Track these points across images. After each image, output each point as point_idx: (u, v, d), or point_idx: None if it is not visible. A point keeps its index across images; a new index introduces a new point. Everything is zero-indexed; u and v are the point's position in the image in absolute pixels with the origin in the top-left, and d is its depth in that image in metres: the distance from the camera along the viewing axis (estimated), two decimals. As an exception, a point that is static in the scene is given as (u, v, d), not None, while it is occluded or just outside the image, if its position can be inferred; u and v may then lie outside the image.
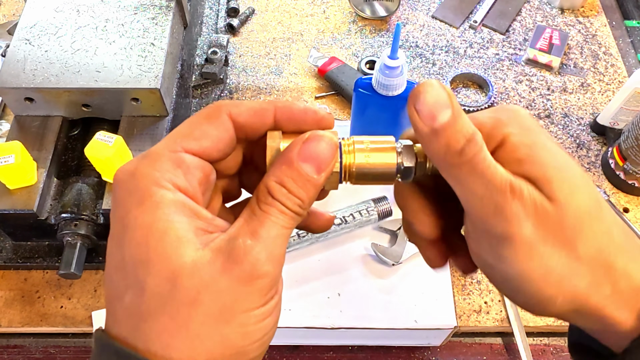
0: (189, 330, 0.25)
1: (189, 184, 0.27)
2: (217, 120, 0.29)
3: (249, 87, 0.91)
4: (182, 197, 0.27)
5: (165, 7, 0.75)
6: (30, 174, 0.63)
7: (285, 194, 0.27)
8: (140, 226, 0.26)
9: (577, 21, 1.01)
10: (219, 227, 0.27)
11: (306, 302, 0.67)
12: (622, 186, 0.80)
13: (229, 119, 0.29)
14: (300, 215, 0.28)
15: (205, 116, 0.29)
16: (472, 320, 0.69)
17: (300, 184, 0.27)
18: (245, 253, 0.25)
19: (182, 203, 0.26)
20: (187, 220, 0.26)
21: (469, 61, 0.95)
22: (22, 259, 0.71)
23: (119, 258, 0.26)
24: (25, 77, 0.67)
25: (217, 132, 0.29)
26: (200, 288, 0.25)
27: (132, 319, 0.25)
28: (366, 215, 0.70)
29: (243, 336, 0.26)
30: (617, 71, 0.94)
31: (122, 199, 0.27)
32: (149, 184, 0.26)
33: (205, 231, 0.27)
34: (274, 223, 0.27)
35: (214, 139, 0.29)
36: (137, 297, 0.25)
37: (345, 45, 0.97)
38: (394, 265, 0.68)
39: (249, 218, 0.27)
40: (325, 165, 0.28)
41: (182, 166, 0.27)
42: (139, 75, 0.68)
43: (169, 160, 0.27)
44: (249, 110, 0.29)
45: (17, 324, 0.69)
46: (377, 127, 0.70)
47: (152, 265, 0.25)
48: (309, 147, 0.28)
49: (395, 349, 0.71)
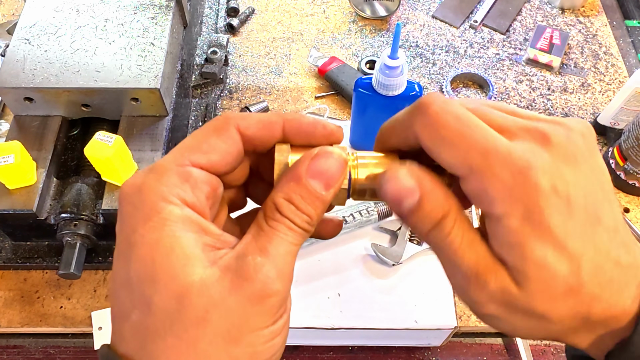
0: (197, 350, 0.24)
1: (196, 198, 0.27)
2: (225, 134, 0.28)
3: (249, 87, 0.91)
4: (189, 212, 0.26)
5: (165, 6, 0.75)
6: (30, 173, 0.63)
7: (293, 210, 0.27)
8: (147, 243, 0.25)
9: (577, 21, 1.01)
10: (227, 242, 0.27)
11: (306, 302, 0.66)
12: (623, 186, 0.80)
13: (237, 132, 0.28)
14: (308, 232, 0.28)
15: (214, 129, 0.28)
16: (472, 320, 0.69)
17: (309, 201, 0.27)
18: (256, 271, 0.25)
19: (189, 219, 0.26)
20: (194, 236, 0.26)
21: (469, 61, 0.95)
22: (21, 259, 0.71)
23: (125, 276, 0.26)
24: (25, 76, 0.67)
25: (225, 146, 0.28)
26: (208, 307, 0.24)
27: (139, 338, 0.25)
28: (366, 216, 0.70)
29: (251, 356, 0.25)
30: (617, 71, 0.94)
31: (128, 214, 0.26)
32: (156, 199, 0.26)
33: (213, 247, 0.26)
34: (283, 240, 0.26)
35: (222, 153, 0.28)
36: (144, 316, 0.25)
37: (345, 45, 0.97)
38: (394, 265, 0.68)
39: (256, 234, 0.26)
40: (334, 181, 0.27)
41: (189, 180, 0.27)
42: (138, 75, 0.68)
43: (176, 175, 0.27)
44: (257, 124, 0.29)
45: (16, 324, 0.69)
46: (377, 127, 0.70)
47: (159, 283, 0.24)
48: (318, 164, 0.27)
49: (396, 349, 0.71)
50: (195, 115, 0.86)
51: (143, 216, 0.26)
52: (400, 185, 0.27)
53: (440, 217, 0.26)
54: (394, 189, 0.27)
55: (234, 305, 0.25)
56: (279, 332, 0.26)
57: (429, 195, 0.26)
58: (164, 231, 0.25)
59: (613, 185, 0.80)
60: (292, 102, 0.90)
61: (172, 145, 0.74)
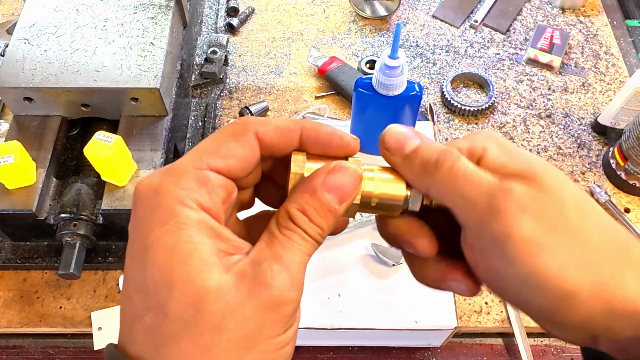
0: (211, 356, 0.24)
1: (212, 203, 0.27)
2: (244, 139, 0.28)
3: (249, 87, 0.91)
4: (205, 217, 0.26)
5: (165, 6, 0.75)
6: (29, 173, 0.63)
7: (306, 221, 0.27)
8: (164, 247, 0.25)
9: (578, 21, 1.01)
10: (239, 248, 0.27)
11: (306, 302, 0.66)
12: (623, 186, 0.80)
13: (256, 138, 0.28)
14: (319, 243, 0.28)
15: (232, 134, 0.28)
16: (472, 320, 0.69)
17: (322, 213, 0.27)
18: (273, 278, 0.25)
19: (205, 224, 0.26)
20: (210, 242, 0.26)
21: (470, 61, 0.95)
22: (21, 259, 0.71)
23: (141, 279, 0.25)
24: (24, 76, 0.67)
25: (243, 152, 0.28)
26: (225, 313, 0.24)
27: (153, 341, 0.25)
28: (366, 216, 0.70)
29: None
30: (618, 71, 0.94)
31: (144, 216, 0.26)
32: (173, 203, 0.26)
33: (227, 253, 0.26)
34: (297, 249, 0.27)
35: (239, 159, 0.28)
36: (159, 320, 0.25)
37: (345, 44, 0.97)
38: (394, 265, 0.68)
39: (269, 242, 0.27)
40: (347, 196, 0.28)
41: (207, 185, 0.27)
42: (138, 75, 0.67)
43: (193, 178, 0.26)
44: (276, 130, 0.29)
45: (16, 324, 0.68)
46: (377, 127, 0.70)
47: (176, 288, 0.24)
48: (334, 178, 0.28)
49: (396, 350, 0.71)
50: (195, 115, 0.86)
51: (159, 219, 0.26)
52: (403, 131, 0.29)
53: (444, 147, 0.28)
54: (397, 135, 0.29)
55: (250, 312, 0.25)
56: (289, 340, 0.27)
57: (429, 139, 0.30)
58: (181, 235, 0.25)
59: (613, 185, 0.80)
60: (292, 102, 0.89)
61: (172, 145, 0.73)
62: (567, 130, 0.87)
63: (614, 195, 0.80)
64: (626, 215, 0.78)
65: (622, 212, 0.78)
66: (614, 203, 0.78)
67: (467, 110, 0.87)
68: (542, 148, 0.85)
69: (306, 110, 0.88)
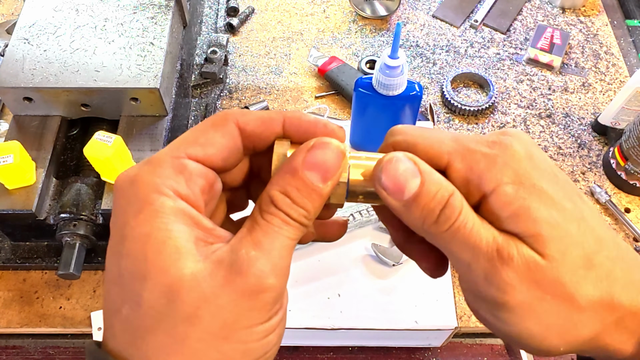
0: (186, 347, 0.24)
1: (190, 191, 0.26)
2: (223, 128, 0.28)
3: (249, 87, 0.91)
4: (182, 204, 0.26)
5: (165, 6, 0.75)
6: (29, 173, 0.63)
7: (289, 204, 0.26)
8: (138, 237, 0.25)
9: (578, 20, 1.01)
10: (220, 237, 0.26)
11: (306, 302, 0.66)
12: (624, 186, 0.80)
13: (236, 127, 0.28)
14: (306, 226, 0.27)
15: (212, 124, 0.28)
16: (472, 320, 0.69)
17: (305, 194, 0.26)
18: (249, 265, 0.24)
19: (182, 211, 0.25)
20: (187, 229, 0.25)
21: (470, 61, 0.95)
22: (20, 260, 0.70)
23: (116, 270, 0.25)
24: (24, 76, 0.67)
25: (223, 140, 0.28)
26: (199, 303, 0.24)
27: (128, 334, 0.25)
28: (366, 216, 0.70)
29: (243, 353, 0.25)
30: (618, 71, 0.94)
31: (121, 207, 0.26)
32: (148, 191, 0.25)
33: (206, 242, 0.25)
34: (278, 234, 0.25)
35: (219, 147, 0.27)
36: (134, 312, 0.24)
37: (345, 44, 0.97)
38: (394, 265, 0.68)
39: (251, 228, 0.26)
40: (331, 173, 0.26)
41: (184, 172, 0.26)
42: (138, 75, 0.67)
43: (170, 167, 0.26)
44: (256, 120, 0.28)
45: (15, 324, 0.68)
46: (377, 127, 0.70)
47: (149, 278, 0.24)
48: (315, 155, 0.26)
49: (396, 350, 0.71)
50: (195, 115, 0.86)
51: (135, 209, 0.25)
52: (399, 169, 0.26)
53: (447, 198, 0.25)
54: (393, 175, 0.26)
55: (225, 300, 0.24)
56: (273, 329, 0.26)
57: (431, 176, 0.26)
58: (156, 223, 0.25)
59: (614, 185, 0.80)
60: (292, 102, 0.89)
61: (172, 145, 0.73)
62: (568, 130, 0.87)
63: (614, 195, 0.80)
64: (626, 215, 0.78)
65: (623, 212, 0.78)
66: (614, 203, 0.78)
67: (467, 110, 0.87)
68: (543, 148, 0.85)
69: (306, 110, 0.88)
